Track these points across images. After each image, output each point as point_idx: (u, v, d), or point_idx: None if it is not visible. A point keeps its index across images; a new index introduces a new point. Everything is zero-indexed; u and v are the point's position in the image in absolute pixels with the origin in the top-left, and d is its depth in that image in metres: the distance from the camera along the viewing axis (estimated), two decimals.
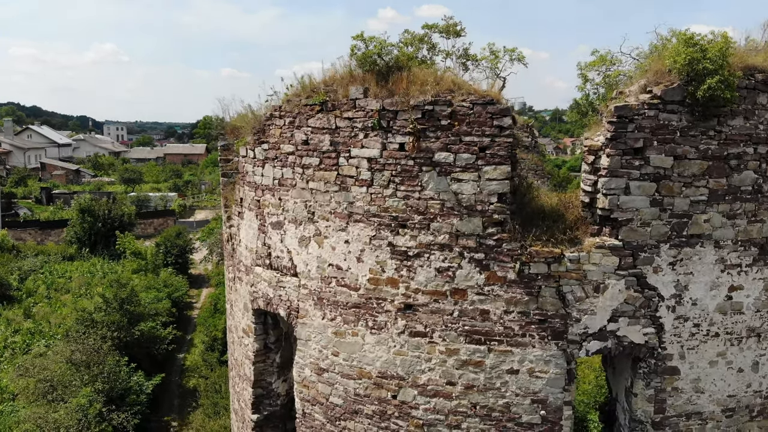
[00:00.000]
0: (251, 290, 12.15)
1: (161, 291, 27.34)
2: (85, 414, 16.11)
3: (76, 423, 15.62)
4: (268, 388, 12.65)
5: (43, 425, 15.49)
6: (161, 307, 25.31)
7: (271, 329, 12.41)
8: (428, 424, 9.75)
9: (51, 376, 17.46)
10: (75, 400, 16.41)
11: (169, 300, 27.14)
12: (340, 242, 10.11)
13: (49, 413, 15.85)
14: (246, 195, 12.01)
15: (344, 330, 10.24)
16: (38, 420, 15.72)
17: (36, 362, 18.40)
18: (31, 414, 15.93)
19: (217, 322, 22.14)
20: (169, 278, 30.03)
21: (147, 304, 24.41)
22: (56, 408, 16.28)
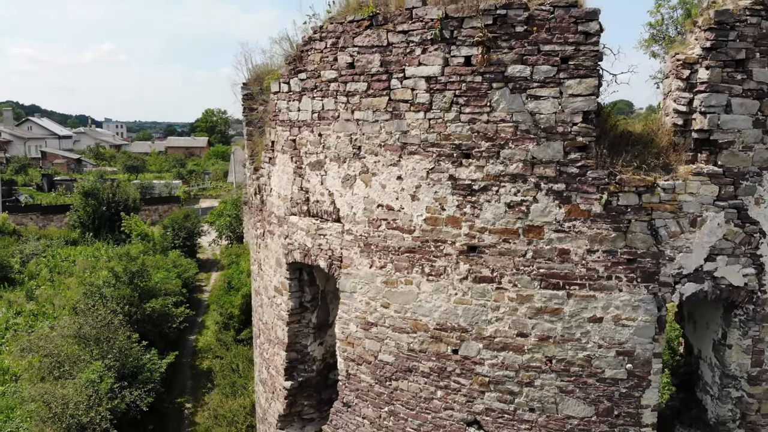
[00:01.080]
0: (285, 243, 10.94)
1: (170, 271, 26.14)
2: (96, 390, 14.93)
3: (86, 399, 14.44)
4: (303, 352, 11.46)
5: (51, 402, 14.30)
6: (173, 286, 24.17)
7: (306, 286, 11.23)
8: (495, 382, 8.56)
9: (57, 352, 16.26)
10: (84, 375, 15.23)
11: (179, 279, 26.00)
12: (391, 179, 8.90)
13: (56, 389, 14.66)
14: (279, 136, 10.80)
15: (396, 278, 9.04)
16: (45, 396, 14.53)
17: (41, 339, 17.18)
18: (38, 390, 14.75)
19: (232, 299, 20.98)
20: (178, 259, 28.85)
21: (157, 282, 23.25)
22: (64, 384, 15.09)
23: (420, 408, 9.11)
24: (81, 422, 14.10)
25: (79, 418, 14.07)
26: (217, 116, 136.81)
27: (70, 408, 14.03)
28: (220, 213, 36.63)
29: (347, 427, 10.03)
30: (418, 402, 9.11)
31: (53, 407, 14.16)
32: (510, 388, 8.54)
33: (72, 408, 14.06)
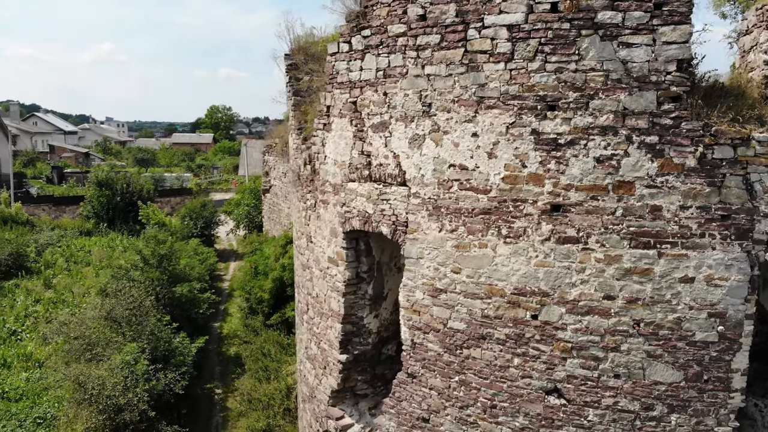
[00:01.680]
0: (342, 211, 10.54)
1: (192, 258, 25.73)
2: (132, 371, 14.53)
3: (122, 380, 14.04)
4: (359, 324, 11.06)
5: (86, 383, 13.89)
6: (198, 272, 23.78)
7: (363, 256, 10.83)
8: (579, 347, 8.15)
9: (89, 334, 15.85)
10: (119, 357, 14.82)
11: (203, 265, 25.61)
12: (465, 136, 8.48)
13: (91, 370, 14.25)
14: (336, 100, 10.38)
15: (468, 242, 8.63)
16: (80, 377, 14.12)
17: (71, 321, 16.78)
18: (72, 372, 14.33)
19: (261, 283, 20.57)
20: (198, 247, 28.44)
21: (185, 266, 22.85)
22: (98, 366, 14.68)
23: (494, 377, 8.70)
24: (118, 404, 13.70)
25: (116, 399, 13.67)
26: (222, 113, 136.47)
27: (107, 389, 13.64)
28: (237, 203, 36.13)
29: (412, 399, 9.64)
30: (492, 371, 8.71)
31: (89, 389, 13.76)
32: (594, 354, 8.13)
33: (109, 389, 13.66)
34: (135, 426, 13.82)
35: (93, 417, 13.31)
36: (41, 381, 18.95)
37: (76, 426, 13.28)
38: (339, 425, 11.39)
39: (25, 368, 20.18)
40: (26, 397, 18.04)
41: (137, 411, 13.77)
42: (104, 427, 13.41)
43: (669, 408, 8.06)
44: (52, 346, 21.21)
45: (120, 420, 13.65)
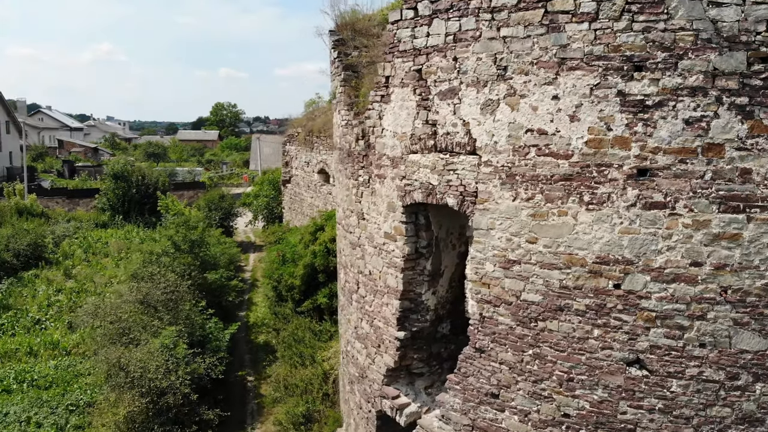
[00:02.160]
0: (401, 184, 10.30)
1: (216, 247, 25.48)
2: (172, 354, 14.29)
3: (164, 363, 13.80)
4: (417, 301, 10.83)
5: (128, 365, 13.65)
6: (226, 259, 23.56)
7: (423, 231, 10.58)
8: (663, 317, 7.90)
9: (126, 317, 15.61)
10: (158, 340, 14.59)
11: (228, 254, 25.40)
12: (545, 99, 8.23)
13: (132, 352, 14.02)
14: (397, 69, 10.13)
15: (546, 210, 8.38)
16: (120, 360, 13.88)
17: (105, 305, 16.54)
18: (113, 354, 14.09)
19: (292, 270, 20.32)
20: (221, 237, 28.22)
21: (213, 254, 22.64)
22: (136, 350, 14.43)
23: (572, 349, 8.46)
24: (160, 387, 13.48)
25: (158, 382, 13.44)
26: (227, 110, 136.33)
27: (149, 372, 13.41)
28: (256, 194, 35.80)
29: (480, 374, 9.40)
30: (570, 343, 8.46)
31: (131, 371, 13.52)
32: (679, 323, 7.88)
33: (151, 372, 13.43)
34: (178, 410, 13.59)
35: (136, 400, 13.08)
36: (70, 368, 18.78)
37: (118, 410, 13.05)
38: (395, 404, 11.16)
39: (52, 356, 19.98)
40: (56, 384, 17.84)
41: (180, 394, 13.53)
42: (147, 411, 13.18)
43: (754, 377, 7.82)
44: (79, 334, 21.04)
45: (163, 403, 13.42)
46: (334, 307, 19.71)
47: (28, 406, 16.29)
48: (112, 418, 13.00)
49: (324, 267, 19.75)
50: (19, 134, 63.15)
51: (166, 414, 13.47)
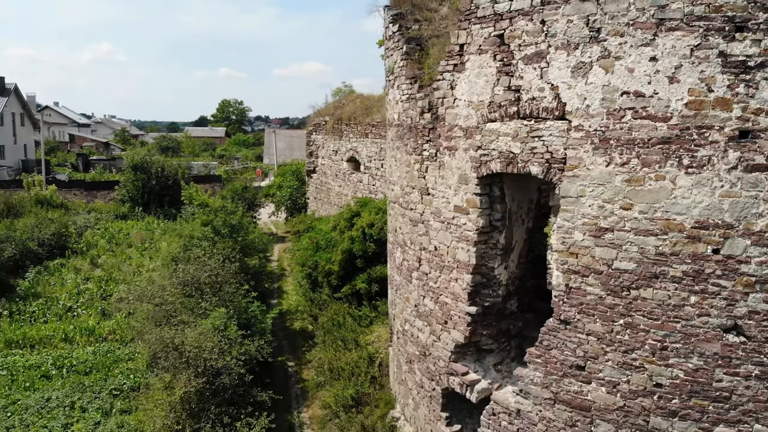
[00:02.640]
0: (476, 155, 10.11)
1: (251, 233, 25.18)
2: (224, 335, 14.11)
3: (218, 343, 13.61)
4: (489, 275, 10.64)
5: (182, 346, 13.44)
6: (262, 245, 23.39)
7: (497, 203, 10.38)
8: (763, 281, 7.71)
9: (173, 300, 15.42)
10: (208, 322, 14.41)
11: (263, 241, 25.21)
12: (642, 61, 8.03)
13: (185, 332, 13.81)
14: (474, 36, 9.93)
15: (642, 175, 8.18)
16: (173, 340, 13.66)
17: (148, 286, 16.36)
18: (165, 333, 13.87)
19: (329, 255, 20.13)
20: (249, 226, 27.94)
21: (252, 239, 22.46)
22: (184, 331, 14.23)
23: (667, 317, 8.26)
24: (216, 367, 13.29)
25: (213, 362, 13.26)
26: (233, 107, 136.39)
27: (205, 352, 13.22)
28: (279, 185, 35.50)
29: (564, 347, 9.21)
30: (664, 311, 8.27)
31: (185, 352, 13.33)
32: None
33: (206, 353, 13.24)
34: (233, 390, 13.41)
35: (192, 380, 12.89)
36: (109, 354, 18.63)
37: (173, 390, 12.86)
38: (465, 380, 10.99)
39: (88, 342, 19.83)
40: (96, 369, 17.68)
41: (235, 375, 13.35)
42: (204, 391, 13.00)
43: None
44: (115, 320, 20.90)
45: (219, 384, 13.24)
46: (372, 293, 19.55)
47: (70, 392, 16.13)
48: (167, 399, 12.81)
49: (362, 252, 19.57)
50: (33, 127, 63.17)
51: (222, 395, 13.28)
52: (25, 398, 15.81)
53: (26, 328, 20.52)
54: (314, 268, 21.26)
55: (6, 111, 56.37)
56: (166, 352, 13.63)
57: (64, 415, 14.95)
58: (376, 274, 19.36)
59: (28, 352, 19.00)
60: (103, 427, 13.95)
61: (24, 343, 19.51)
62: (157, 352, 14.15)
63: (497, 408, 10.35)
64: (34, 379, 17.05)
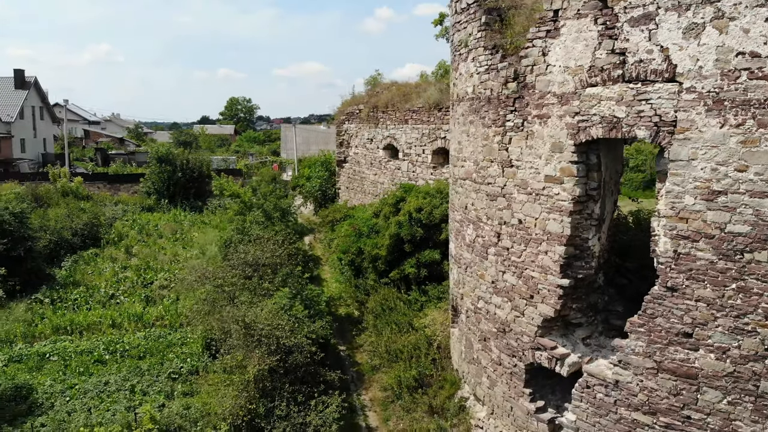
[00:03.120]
0: (573, 122, 9.94)
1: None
2: (292, 315, 13.96)
3: (287, 322, 13.47)
4: (582, 247, 10.46)
5: (254, 324, 13.26)
6: (308, 230, 23.33)
7: (594, 171, 10.22)
8: None
9: (234, 279, 15.29)
10: (271, 301, 14.27)
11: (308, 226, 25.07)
12: (757, 21, 7.84)
13: (255, 311, 13.66)
14: (571, 2, 9.75)
15: (758, 136, 8.00)
16: (245, 317, 13.48)
17: (208, 267, 16.24)
18: (237, 314, 13.67)
19: (375, 241, 19.96)
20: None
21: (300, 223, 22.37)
22: (255, 309, 14.06)
23: None
24: (288, 346, 13.16)
25: (285, 340, 13.14)
26: (242, 104, 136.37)
27: (277, 330, 13.08)
28: (307, 177, 35.27)
29: (670, 314, 9.03)
30: None
31: (258, 331, 13.18)
32: None
33: (279, 331, 13.11)
34: (305, 369, 13.28)
35: (266, 358, 12.74)
36: (161, 339, 18.52)
37: (246, 369, 12.70)
38: (554, 354, 10.84)
39: (136, 328, 19.73)
40: (150, 354, 17.58)
41: (306, 353, 13.22)
42: (277, 369, 12.86)
43: None
44: (163, 306, 20.81)
45: (292, 361, 13.11)
46: (421, 277, 19.38)
47: (128, 375, 16.03)
48: (239, 378, 12.67)
49: (410, 237, 19.38)
50: (52, 121, 63.18)
51: (294, 373, 13.16)
52: (82, 382, 15.71)
53: (72, 315, 20.43)
54: (358, 254, 21.11)
55: (26, 104, 56.32)
56: (238, 330, 13.47)
57: (126, 398, 14.83)
58: (425, 259, 19.20)
59: (77, 337, 18.90)
60: (169, 409, 13.81)
61: (72, 329, 19.41)
62: (228, 330, 13.95)
63: (592, 380, 10.19)
64: (87, 364, 16.96)
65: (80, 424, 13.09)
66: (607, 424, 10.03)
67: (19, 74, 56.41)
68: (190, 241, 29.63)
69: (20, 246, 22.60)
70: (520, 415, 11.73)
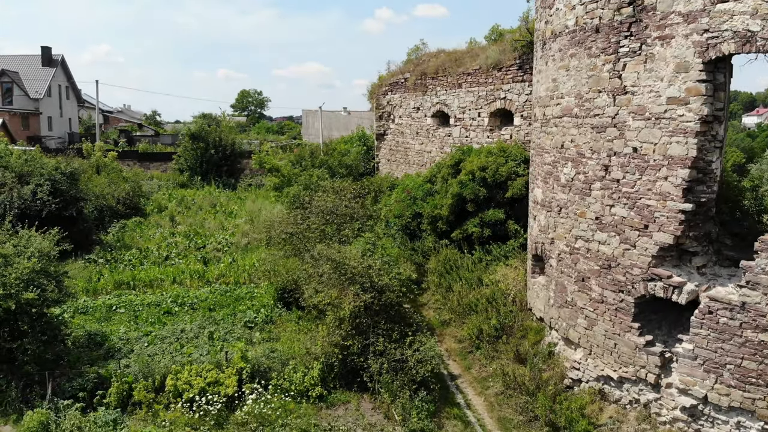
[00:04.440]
0: (702, 39, 9.69)
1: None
2: (381, 256, 13.81)
3: (377, 260, 13.28)
4: (705, 170, 10.25)
5: (347, 262, 13.06)
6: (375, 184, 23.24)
7: (720, 91, 9.98)
8: None
9: (314, 226, 15.11)
10: (354, 246, 14.11)
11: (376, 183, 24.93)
12: None
13: (347, 251, 13.49)
14: None
15: None
16: (337, 257, 13.28)
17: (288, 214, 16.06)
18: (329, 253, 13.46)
19: (434, 202, 19.73)
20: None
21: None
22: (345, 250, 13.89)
23: None
24: (379, 284, 12.98)
25: (378, 280, 12.96)
26: (252, 97, 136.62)
27: (371, 270, 12.92)
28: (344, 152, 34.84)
29: None
30: None
31: (349, 268, 13.00)
32: None
33: (372, 270, 12.95)
34: (396, 309, 13.09)
35: (361, 295, 12.55)
36: (227, 293, 18.39)
37: (343, 305, 12.47)
38: (670, 283, 10.61)
39: (199, 285, 19.62)
40: (220, 307, 17.42)
41: (398, 291, 13.05)
42: (372, 305, 12.66)
43: None
44: (224, 264, 20.65)
45: (385, 300, 12.92)
46: (485, 237, 19.12)
47: (203, 323, 15.85)
48: (334, 315, 12.48)
49: (473, 196, 19.12)
50: (77, 102, 63.17)
51: (387, 312, 12.96)
52: (158, 330, 15.51)
53: (133, 272, 20.27)
54: (413, 218, 20.97)
55: (53, 83, 56.20)
56: (330, 268, 13.28)
57: (207, 344, 14.61)
58: (489, 218, 18.95)
59: (141, 292, 18.72)
60: (255, 350, 13.63)
61: (134, 285, 19.25)
62: (311, 274, 13.76)
63: (715, 305, 9.95)
64: (157, 315, 16.78)
65: (169, 364, 12.91)
66: (731, 348, 9.79)
67: (46, 52, 56.28)
68: (232, 213, 29.49)
69: (72, 206, 22.39)
70: (626, 351, 11.50)
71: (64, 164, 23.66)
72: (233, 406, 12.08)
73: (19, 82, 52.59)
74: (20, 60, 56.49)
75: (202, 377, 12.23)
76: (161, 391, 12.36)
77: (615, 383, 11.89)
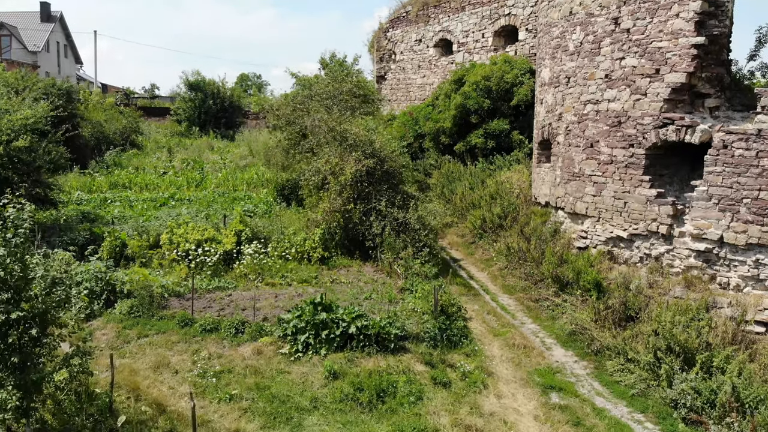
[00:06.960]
0: None
1: None
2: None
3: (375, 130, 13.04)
4: (717, 3, 9.98)
5: (345, 133, 12.77)
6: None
7: None
8: None
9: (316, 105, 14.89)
10: (355, 124, 13.81)
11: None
12: None
13: (342, 123, 13.21)
14: None
15: None
16: (335, 128, 12.99)
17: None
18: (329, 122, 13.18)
19: (441, 116, 19.43)
20: None
21: None
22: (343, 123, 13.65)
23: None
24: (381, 154, 12.74)
25: (379, 149, 12.73)
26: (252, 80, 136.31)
27: (375, 144, 12.75)
28: None
29: None
30: None
31: (351, 136, 12.74)
32: None
33: (375, 144, 12.77)
34: (398, 178, 12.82)
35: (363, 159, 12.27)
36: (226, 194, 18.17)
37: (345, 170, 12.15)
38: (683, 124, 10.35)
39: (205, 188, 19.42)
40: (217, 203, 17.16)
41: (400, 162, 12.78)
42: (374, 172, 12.37)
43: None
44: (223, 174, 20.34)
45: (387, 167, 12.66)
46: (488, 148, 18.86)
47: (200, 209, 15.59)
48: (335, 182, 12.19)
49: (477, 107, 18.83)
50: (75, 61, 62.55)
51: (389, 180, 12.70)
52: (155, 212, 15.20)
53: (128, 175, 19.98)
54: (415, 139, 20.74)
55: (52, 38, 55.58)
56: (333, 137, 13.00)
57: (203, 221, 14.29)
58: (493, 128, 18.69)
59: (137, 191, 18.41)
60: (254, 222, 13.34)
61: (130, 186, 18.94)
62: (319, 137, 13.46)
63: (729, 138, 9.71)
64: (154, 207, 16.47)
65: (165, 223, 12.60)
66: (747, 181, 9.53)
67: (45, 8, 55.65)
68: (230, 152, 29.28)
69: (68, 122, 21.98)
70: (636, 207, 11.24)
71: (60, 82, 23.26)
72: (231, 265, 11.77)
73: (17, 35, 51.99)
74: (19, 15, 55.99)
75: (199, 232, 11.92)
76: (156, 248, 12.05)
77: (625, 243, 11.62)
